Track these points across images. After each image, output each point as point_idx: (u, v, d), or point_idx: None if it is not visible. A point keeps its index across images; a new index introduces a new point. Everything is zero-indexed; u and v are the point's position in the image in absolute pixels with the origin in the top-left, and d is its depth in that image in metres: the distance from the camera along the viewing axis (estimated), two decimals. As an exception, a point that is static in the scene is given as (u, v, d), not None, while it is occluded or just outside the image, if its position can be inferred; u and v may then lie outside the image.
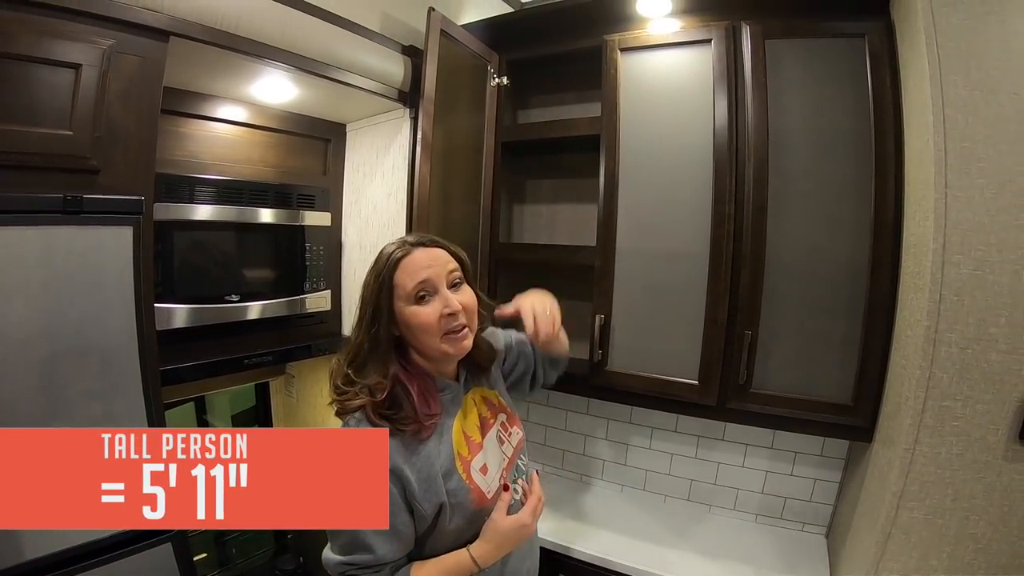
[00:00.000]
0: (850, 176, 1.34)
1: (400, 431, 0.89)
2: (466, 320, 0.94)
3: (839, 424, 1.39)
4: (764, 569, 1.51)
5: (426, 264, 0.92)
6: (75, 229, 1.10)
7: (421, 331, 0.91)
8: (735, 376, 1.45)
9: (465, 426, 1.00)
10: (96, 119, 1.10)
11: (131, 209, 1.17)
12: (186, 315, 1.45)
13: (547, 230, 1.99)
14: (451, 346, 0.93)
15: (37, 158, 1.05)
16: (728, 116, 1.42)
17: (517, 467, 1.07)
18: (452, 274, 0.95)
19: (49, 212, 1.07)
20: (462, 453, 0.96)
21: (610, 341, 1.59)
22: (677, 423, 1.82)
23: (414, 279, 0.91)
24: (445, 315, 0.90)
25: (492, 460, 1.01)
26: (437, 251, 0.95)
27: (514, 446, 1.08)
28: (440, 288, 0.92)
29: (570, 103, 1.87)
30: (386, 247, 0.95)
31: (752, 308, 1.43)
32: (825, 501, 1.67)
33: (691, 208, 1.48)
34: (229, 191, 1.52)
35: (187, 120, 1.53)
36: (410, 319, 0.91)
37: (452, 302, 0.91)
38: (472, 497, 0.94)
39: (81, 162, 1.10)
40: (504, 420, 1.09)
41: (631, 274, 1.56)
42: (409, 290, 0.91)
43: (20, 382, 1.05)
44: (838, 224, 1.36)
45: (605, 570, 1.54)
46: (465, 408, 1.02)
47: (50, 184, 1.06)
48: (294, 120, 1.72)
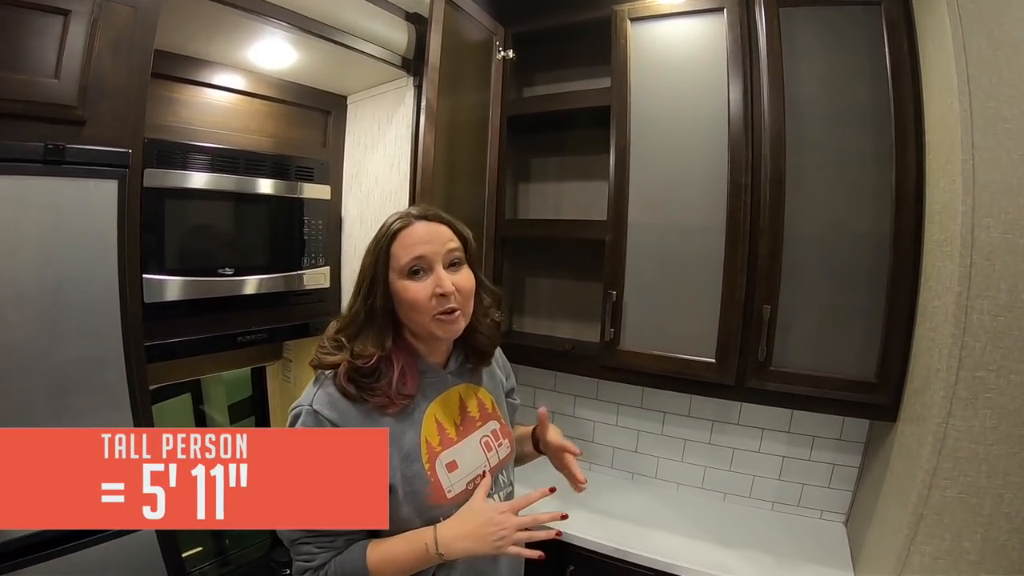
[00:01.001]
0: (869, 146, 1.33)
1: (364, 400, 0.87)
2: (459, 303, 0.90)
3: (862, 403, 1.37)
4: (784, 558, 1.48)
5: (424, 239, 0.89)
6: (55, 180, 1.05)
7: (409, 307, 0.89)
8: (754, 354, 1.43)
9: (441, 416, 0.96)
10: (84, 69, 1.06)
11: (117, 162, 1.12)
12: (177, 288, 1.40)
13: (553, 209, 1.97)
14: (439, 328, 0.90)
15: (19, 105, 1.00)
16: (742, 85, 1.40)
17: (496, 481, 1.01)
18: (451, 253, 0.91)
19: (28, 161, 1.01)
20: (431, 442, 0.92)
21: (622, 319, 1.56)
22: (690, 407, 1.79)
23: (409, 253, 0.88)
24: (436, 295, 0.87)
25: (465, 461, 0.96)
26: (439, 227, 0.92)
27: (500, 458, 1.02)
28: (435, 266, 0.89)
29: (576, 79, 1.85)
30: (389, 217, 0.93)
31: (771, 282, 1.40)
32: (844, 487, 1.65)
33: (706, 180, 1.46)
34: (224, 160, 1.48)
35: (181, 85, 1.49)
36: (400, 293, 0.89)
37: (444, 282, 0.88)
38: (429, 490, 0.89)
39: (66, 112, 1.05)
40: (496, 429, 1.04)
41: (644, 249, 1.53)
42: (403, 263, 0.88)
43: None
44: (858, 195, 1.34)
45: (618, 560, 1.51)
46: (446, 398, 0.98)
47: (31, 134, 1.01)
48: (293, 90, 1.69)
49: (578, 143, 1.89)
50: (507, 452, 1.05)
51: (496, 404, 1.07)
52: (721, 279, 1.44)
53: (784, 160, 1.37)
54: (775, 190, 1.38)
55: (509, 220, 1.87)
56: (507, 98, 1.77)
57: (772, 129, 1.37)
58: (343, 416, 0.86)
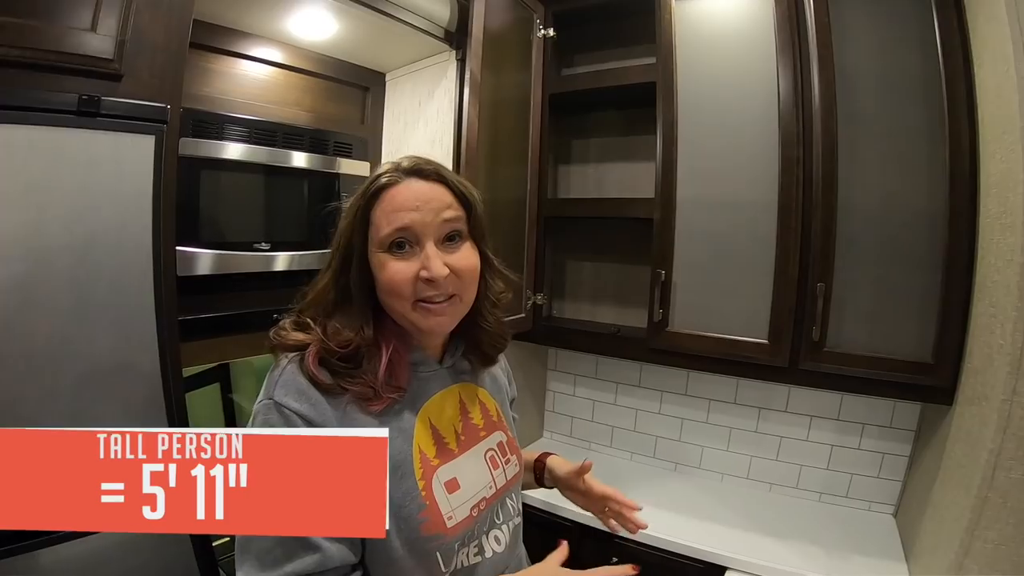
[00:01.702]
0: (921, 118, 1.31)
1: (342, 389, 0.69)
2: (454, 290, 0.73)
3: (919, 385, 1.34)
4: (834, 550, 1.46)
5: (412, 204, 0.70)
6: (89, 133, 1.01)
7: (387, 290, 0.71)
8: (808, 334, 1.41)
9: (438, 421, 0.78)
10: (122, 24, 1.03)
11: (155, 116, 1.08)
12: (210, 261, 1.36)
13: (595, 191, 1.96)
14: (421, 318, 0.72)
15: (53, 56, 0.97)
16: (791, 58, 1.39)
17: (503, 505, 0.83)
18: (449, 224, 0.72)
19: (62, 112, 0.98)
20: (426, 453, 0.74)
21: (671, 299, 1.53)
22: (736, 393, 1.77)
23: (391, 222, 0.70)
24: (422, 279, 0.69)
25: (468, 480, 0.77)
26: (436, 187, 0.73)
27: (508, 478, 0.85)
28: (424, 240, 0.70)
29: (616, 60, 1.84)
30: (377, 169, 0.75)
31: (825, 258, 1.39)
32: (894, 477, 1.63)
33: (756, 154, 1.45)
34: (261, 132, 1.46)
35: (217, 56, 1.47)
36: (377, 270, 0.72)
37: (433, 264, 0.69)
38: (424, 516, 0.70)
39: (102, 65, 1.02)
40: (503, 441, 0.87)
41: (693, 226, 1.53)
42: (383, 235, 0.70)
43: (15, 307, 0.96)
44: (911, 169, 1.33)
45: (663, 551, 1.48)
46: (444, 398, 0.80)
47: (66, 87, 0.98)
48: (331, 65, 1.67)
49: (619, 124, 1.88)
50: (515, 471, 0.87)
51: (501, 412, 0.91)
52: (774, 256, 1.42)
53: (836, 134, 1.36)
54: (827, 164, 1.36)
55: (553, 199, 1.86)
56: (548, 78, 1.76)
57: (822, 102, 1.36)
58: (316, 408, 0.67)
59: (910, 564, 1.38)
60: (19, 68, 0.93)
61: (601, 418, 2.01)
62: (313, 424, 0.66)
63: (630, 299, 1.85)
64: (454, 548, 0.72)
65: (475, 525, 0.76)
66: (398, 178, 0.72)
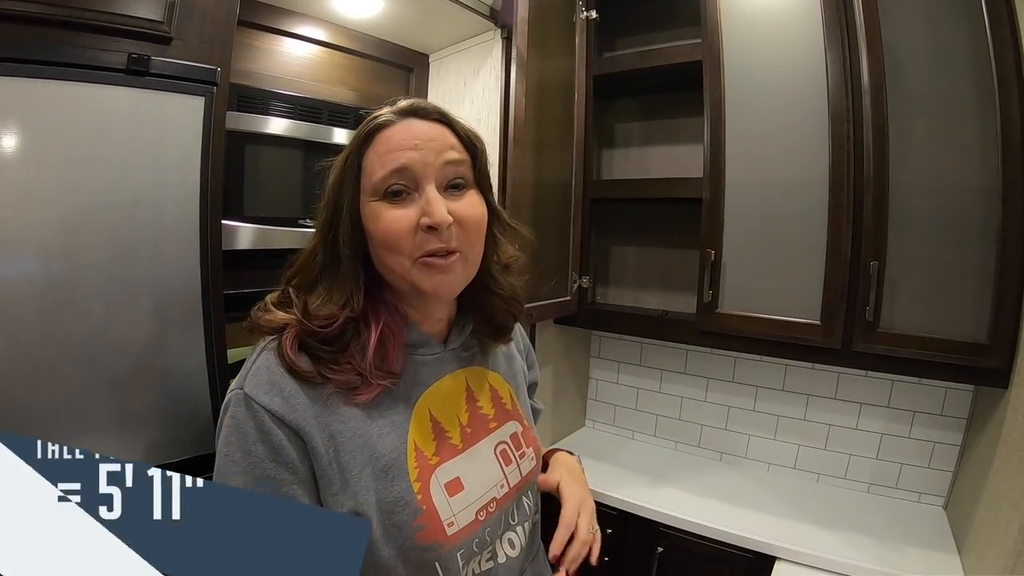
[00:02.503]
0: (971, 93, 1.31)
1: (323, 378, 0.61)
2: (458, 242, 0.64)
3: (973, 367, 1.33)
4: (885, 541, 1.44)
5: (409, 143, 0.63)
6: (138, 92, 1.01)
7: (382, 244, 0.63)
8: (861, 314, 1.40)
9: (439, 411, 0.69)
10: None
11: (205, 78, 1.09)
12: (252, 235, 1.37)
13: (639, 175, 1.96)
14: (425, 277, 0.63)
15: (103, 17, 0.97)
16: (839, 34, 1.39)
17: (519, 505, 0.76)
18: (452, 167, 0.65)
19: (110, 70, 0.98)
20: (423, 450, 0.65)
21: (721, 280, 1.53)
22: (785, 380, 1.76)
23: (385, 164, 0.62)
24: (423, 227, 0.61)
25: (474, 479, 0.69)
26: (437, 127, 0.65)
27: (523, 474, 0.76)
28: (424, 184, 0.63)
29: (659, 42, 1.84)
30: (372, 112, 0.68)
31: (878, 236, 1.38)
32: (944, 468, 1.61)
33: (805, 132, 1.44)
34: (306, 109, 1.48)
35: (262, 34, 1.50)
36: (369, 223, 0.64)
37: (436, 208, 0.61)
38: (420, 523, 0.62)
39: (152, 27, 1.02)
40: (517, 433, 0.78)
41: (743, 205, 1.52)
42: (377, 179, 0.63)
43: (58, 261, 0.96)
44: (963, 144, 1.32)
45: (711, 540, 1.47)
46: (448, 385, 0.72)
47: (114, 48, 0.98)
48: (376, 45, 1.69)
49: (663, 107, 1.89)
50: (531, 466, 0.78)
51: (516, 398, 0.82)
52: (825, 235, 1.41)
53: (886, 108, 1.35)
54: (878, 140, 1.35)
55: (598, 181, 1.86)
56: (591, 60, 1.77)
57: (871, 78, 1.36)
58: (289, 403, 0.60)
59: (963, 557, 1.36)
60: (68, 28, 0.94)
61: (645, 406, 2.01)
62: (284, 422, 0.59)
63: (676, 284, 1.85)
64: (456, 557, 0.64)
65: (483, 530, 0.69)
66: (394, 118, 0.65)
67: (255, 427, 0.59)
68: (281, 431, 0.59)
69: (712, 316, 1.54)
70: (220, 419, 0.63)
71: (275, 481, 0.59)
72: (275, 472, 0.59)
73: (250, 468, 0.59)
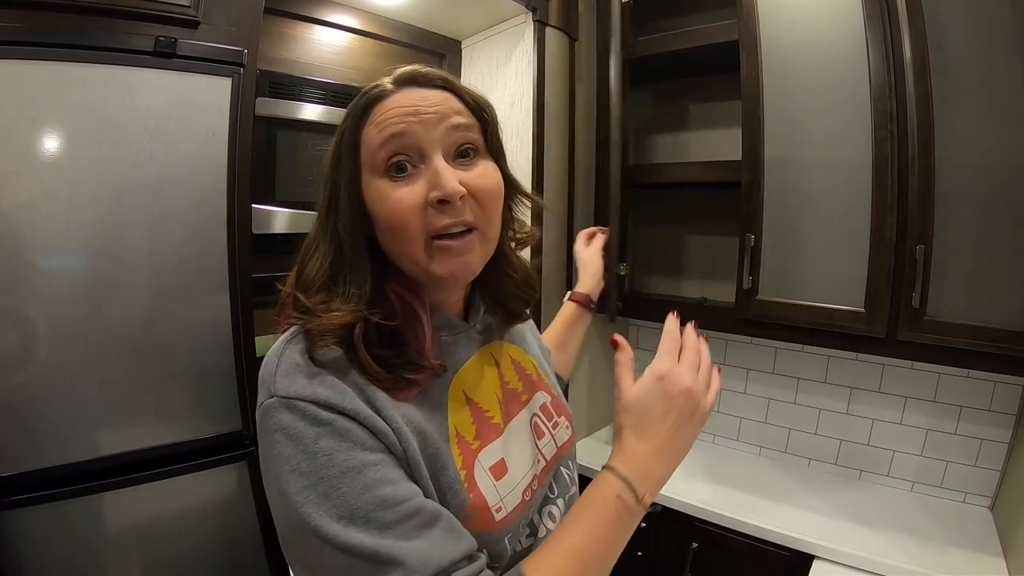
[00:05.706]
0: (1016, 67, 1.28)
1: (393, 383, 0.56)
2: (474, 219, 0.59)
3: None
4: (928, 541, 1.43)
5: (410, 109, 0.57)
6: (166, 74, 1.08)
7: (389, 228, 0.57)
8: (907, 301, 1.38)
9: (475, 393, 0.66)
10: None
11: (232, 59, 1.14)
12: (286, 220, 1.42)
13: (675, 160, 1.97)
14: (441, 262, 0.58)
15: (133, 3, 1.04)
16: (879, 8, 1.37)
17: (557, 477, 0.73)
18: (459, 132, 0.59)
19: (138, 52, 1.04)
20: (463, 435, 0.62)
21: (761, 266, 1.53)
22: (827, 371, 1.75)
23: (384, 133, 0.57)
24: (433, 201, 0.56)
25: (518, 459, 0.66)
26: (439, 93, 0.59)
27: (559, 445, 0.74)
28: (430, 153, 0.57)
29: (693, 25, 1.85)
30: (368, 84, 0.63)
31: (924, 218, 1.36)
32: (991, 466, 1.59)
33: (846, 111, 1.43)
34: (338, 95, 1.52)
35: (294, 22, 1.56)
36: (372, 204, 0.58)
37: (445, 178, 0.56)
38: (469, 511, 0.58)
39: (180, 11, 1.08)
40: (547, 403, 0.76)
41: (783, 188, 1.51)
42: (376, 151, 0.57)
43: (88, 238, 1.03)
44: (1011, 120, 1.29)
45: (748, 537, 1.48)
46: (478, 364, 0.68)
47: (143, 32, 1.05)
48: (407, 31, 1.73)
49: (698, 91, 1.90)
50: (567, 436, 0.76)
51: (540, 368, 0.80)
52: (869, 217, 1.40)
53: (930, 84, 1.33)
54: (923, 118, 1.33)
55: (635, 166, 1.86)
56: (625, 44, 1.75)
57: (913, 53, 1.34)
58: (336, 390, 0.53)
59: (1008, 561, 1.35)
60: (98, 15, 1.00)
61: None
62: (339, 410, 0.52)
63: (714, 272, 1.86)
64: (504, 541, 0.61)
65: (529, 510, 0.66)
66: (392, 88, 0.59)
67: (309, 424, 0.51)
68: (341, 418, 0.52)
69: (752, 303, 1.54)
70: (260, 445, 0.54)
71: (360, 466, 0.51)
72: (353, 457, 0.51)
73: (325, 467, 0.50)
